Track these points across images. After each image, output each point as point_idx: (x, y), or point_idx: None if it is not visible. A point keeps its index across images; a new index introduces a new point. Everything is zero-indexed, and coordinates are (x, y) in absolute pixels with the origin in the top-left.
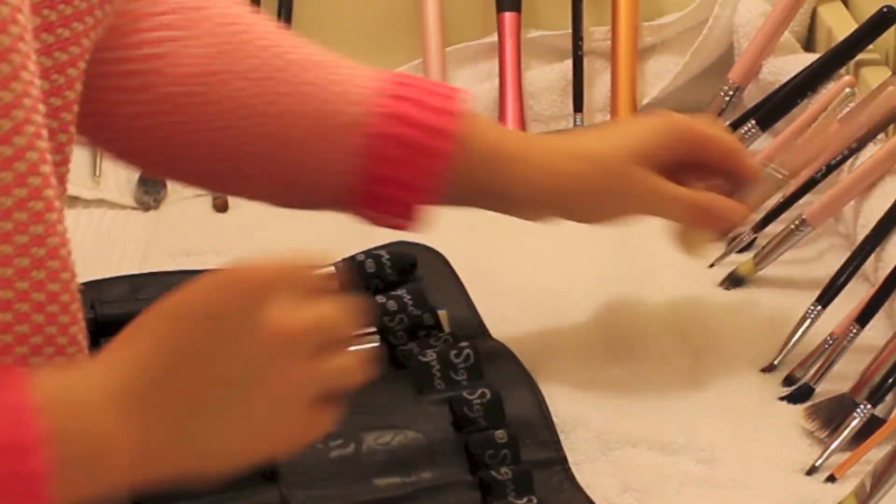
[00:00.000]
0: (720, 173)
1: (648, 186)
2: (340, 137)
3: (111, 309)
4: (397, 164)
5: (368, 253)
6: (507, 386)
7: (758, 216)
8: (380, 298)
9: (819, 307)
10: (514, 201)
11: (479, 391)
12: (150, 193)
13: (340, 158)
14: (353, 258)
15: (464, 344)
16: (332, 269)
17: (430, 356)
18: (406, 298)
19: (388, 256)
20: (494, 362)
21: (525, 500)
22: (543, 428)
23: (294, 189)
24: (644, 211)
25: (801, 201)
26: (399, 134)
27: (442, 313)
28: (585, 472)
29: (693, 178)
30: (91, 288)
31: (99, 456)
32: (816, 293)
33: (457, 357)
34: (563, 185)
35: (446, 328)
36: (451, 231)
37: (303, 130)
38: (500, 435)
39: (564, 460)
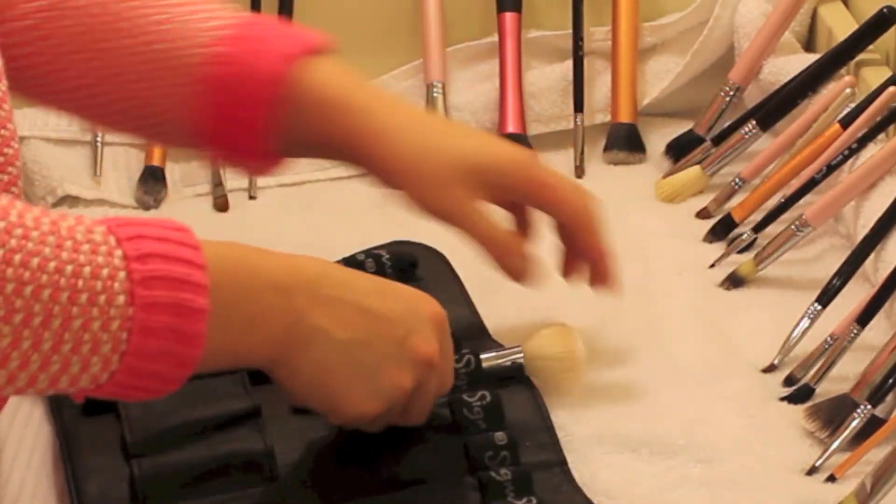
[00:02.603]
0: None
1: (462, 209)
2: (181, 76)
3: None
4: (228, 107)
5: (368, 253)
6: (507, 387)
7: (758, 216)
8: None
9: (819, 307)
10: (352, 155)
11: (479, 393)
12: (150, 193)
13: (180, 98)
14: (353, 258)
15: (465, 350)
16: None
17: None
18: None
19: (388, 256)
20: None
21: (524, 500)
22: (543, 429)
23: (144, 123)
24: (454, 225)
25: (801, 201)
26: (230, 76)
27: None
28: (585, 473)
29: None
30: None
31: (251, 321)
32: (816, 293)
33: (458, 362)
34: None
35: None
36: (451, 231)
37: (150, 65)
38: (500, 437)
39: (564, 461)
